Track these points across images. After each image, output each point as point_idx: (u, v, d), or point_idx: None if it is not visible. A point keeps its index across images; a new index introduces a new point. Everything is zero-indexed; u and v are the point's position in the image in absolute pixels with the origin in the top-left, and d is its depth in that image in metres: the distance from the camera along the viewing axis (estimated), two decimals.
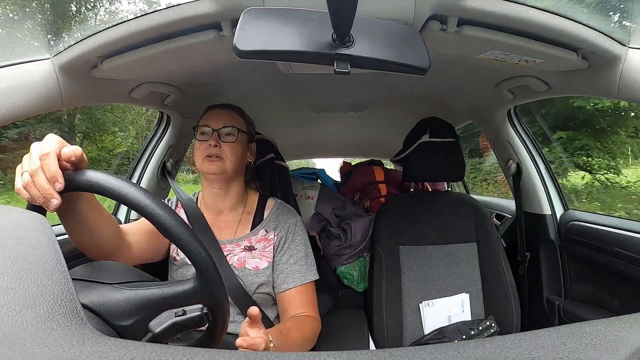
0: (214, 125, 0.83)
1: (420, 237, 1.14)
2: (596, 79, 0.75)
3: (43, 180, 0.45)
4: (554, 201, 1.23)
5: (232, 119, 0.85)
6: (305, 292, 0.85)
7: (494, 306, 1.07)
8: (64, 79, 0.71)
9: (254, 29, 0.40)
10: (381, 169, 1.49)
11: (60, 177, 0.45)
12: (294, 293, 0.83)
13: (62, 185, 0.45)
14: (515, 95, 1.07)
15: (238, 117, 0.87)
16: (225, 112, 0.86)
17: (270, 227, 0.87)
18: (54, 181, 0.45)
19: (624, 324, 0.27)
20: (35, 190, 0.45)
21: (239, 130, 0.84)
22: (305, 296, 0.84)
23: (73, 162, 0.47)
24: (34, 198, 0.46)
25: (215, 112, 0.86)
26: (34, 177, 0.45)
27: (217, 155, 0.81)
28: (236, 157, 0.83)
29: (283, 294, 0.84)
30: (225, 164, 0.82)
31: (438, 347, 0.23)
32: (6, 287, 0.25)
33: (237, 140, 0.83)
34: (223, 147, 0.82)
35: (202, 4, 0.58)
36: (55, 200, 0.45)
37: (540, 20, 0.62)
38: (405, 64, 0.44)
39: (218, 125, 0.83)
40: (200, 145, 0.83)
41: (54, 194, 0.45)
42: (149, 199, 0.44)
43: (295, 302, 0.83)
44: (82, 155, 0.49)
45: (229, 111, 0.87)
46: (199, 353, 0.21)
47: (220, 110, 0.86)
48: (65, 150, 0.47)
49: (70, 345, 0.22)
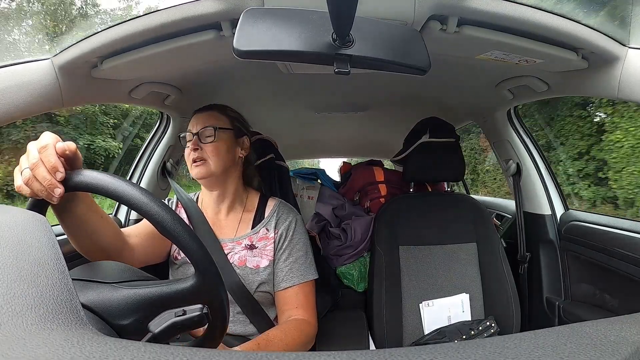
0: (193, 129, 0.83)
1: (420, 237, 1.14)
2: (596, 79, 0.75)
3: (44, 172, 0.45)
4: (554, 201, 1.23)
5: (210, 119, 0.84)
6: (303, 293, 0.84)
7: (494, 306, 1.07)
8: (64, 79, 0.71)
9: (253, 29, 0.40)
10: (381, 169, 1.49)
11: (60, 166, 0.46)
12: (292, 293, 0.83)
13: (62, 174, 0.45)
14: (515, 95, 1.07)
15: (218, 115, 0.86)
16: (205, 114, 0.86)
17: (271, 226, 0.87)
18: (55, 171, 0.45)
19: (624, 324, 0.27)
20: (37, 184, 0.46)
21: (216, 128, 0.83)
22: (302, 297, 0.83)
23: (68, 156, 0.48)
24: (36, 192, 0.46)
25: (196, 116, 0.86)
26: (35, 170, 0.46)
27: (200, 159, 0.81)
28: (220, 156, 0.83)
29: (281, 293, 0.83)
30: (209, 166, 0.82)
31: (438, 347, 0.23)
32: (6, 287, 0.25)
33: (217, 139, 0.82)
34: (204, 149, 0.82)
35: (202, 4, 0.58)
36: (59, 189, 0.45)
37: (540, 20, 0.62)
38: (405, 64, 0.44)
39: (197, 128, 0.83)
40: (186, 150, 0.84)
41: (56, 183, 0.45)
42: (148, 198, 0.44)
43: (291, 303, 0.82)
44: (77, 151, 0.49)
45: (208, 112, 0.86)
46: (199, 353, 0.21)
47: (200, 114, 0.86)
48: (59, 145, 0.47)
49: (70, 345, 0.22)
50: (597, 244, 1.02)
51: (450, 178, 1.29)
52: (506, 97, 1.09)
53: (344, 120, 1.67)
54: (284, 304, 0.83)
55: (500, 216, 1.64)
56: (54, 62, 0.70)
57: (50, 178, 0.45)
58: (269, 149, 1.14)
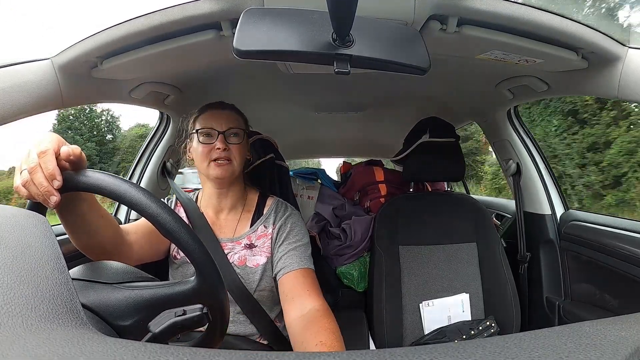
0: (218, 127, 0.80)
1: (420, 237, 1.14)
2: (596, 79, 0.75)
3: (41, 178, 0.45)
4: (554, 201, 1.23)
5: (235, 120, 0.84)
6: (310, 277, 0.79)
7: (494, 306, 1.07)
8: (64, 79, 0.71)
9: (253, 29, 0.40)
10: (381, 169, 1.49)
11: (58, 174, 0.46)
12: (297, 275, 0.78)
13: (60, 183, 0.45)
14: (515, 95, 1.07)
15: (238, 117, 0.86)
16: (227, 113, 0.84)
17: (269, 222, 0.87)
18: (52, 179, 0.45)
19: (624, 324, 0.27)
20: (34, 188, 0.46)
21: (244, 131, 0.84)
22: (310, 280, 0.78)
23: (72, 161, 0.48)
24: (32, 195, 0.46)
25: (217, 112, 0.83)
26: (33, 174, 0.45)
27: (227, 158, 0.80)
28: (242, 158, 0.83)
29: (285, 278, 0.78)
30: (234, 166, 0.81)
31: (438, 347, 0.23)
32: (6, 287, 0.25)
33: (243, 141, 0.83)
34: (231, 149, 0.80)
35: (202, 4, 0.58)
36: (55, 197, 0.46)
37: (540, 20, 0.62)
38: (405, 64, 0.44)
39: (223, 127, 0.81)
40: (204, 148, 0.80)
41: (52, 191, 0.45)
42: (148, 198, 0.44)
43: (299, 285, 0.76)
44: (81, 155, 0.49)
45: (229, 111, 0.85)
46: (199, 353, 0.21)
47: (221, 111, 0.84)
48: (64, 149, 0.47)
49: (70, 345, 0.22)
50: (597, 244, 1.01)
51: (450, 178, 1.29)
52: (506, 97, 1.09)
53: (344, 120, 1.67)
54: (292, 288, 0.76)
55: (500, 216, 1.64)
56: (53, 62, 0.70)
57: (47, 185, 0.45)
58: (269, 149, 1.14)
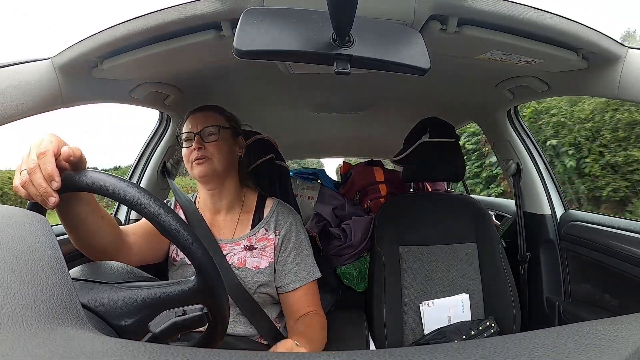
0: (194, 129, 0.83)
1: (420, 237, 1.14)
2: (596, 79, 0.75)
3: (40, 179, 0.45)
4: (554, 201, 1.23)
5: (210, 119, 0.85)
6: (312, 292, 0.86)
7: (494, 306, 1.07)
8: (64, 79, 0.71)
9: (254, 29, 0.40)
10: (381, 169, 1.49)
11: (57, 176, 0.46)
12: (302, 293, 0.84)
13: (58, 184, 0.46)
14: (515, 95, 1.07)
15: (216, 115, 0.87)
16: (202, 114, 0.86)
17: (270, 227, 0.87)
18: (51, 180, 0.45)
19: (624, 324, 0.27)
20: (33, 189, 0.46)
21: (219, 127, 0.84)
22: (311, 295, 0.86)
23: (72, 161, 0.48)
24: (31, 196, 0.47)
25: (194, 116, 0.86)
26: (32, 175, 0.46)
27: (204, 157, 0.82)
28: (223, 154, 0.83)
29: (291, 294, 0.84)
30: (213, 163, 0.82)
31: (438, 347, 0.23)
32: (6, 287, 0.25)
33: (220, 138, 0.83)
34: (207, 148, 0.82)
35: (202, 4, 0.58)
36: (53, 198, 0.46)
37: (540, 20, 0.62)
38: (405, 64, 0.44)
39: (198, 128, 0.83)
40: (186, 151, 0.84)
41: (51, 192, 0.45)
42: (148, 199, 0.44)
43: (303, 302, 0.84)
44: (82, 155, 0.49)
45: (205, 112, 0.87)
46: (199, 353, 0.21)
47: (197, 114, 0.86)
48: (64, 150, 0.47)
49: (70, 345, 0.22)
50: (597, 244, 1.01)
51: (450, 178, 1.28)
52: (506, 97, 1.09)
53: (344, 120, 1.67)
54: (296, 305, 0.84)
55: (500, 216, 1.64)
56: (54, 62, 0.70)
57: (46, 186, 0.45)
58: (269, 149, 1.14)
